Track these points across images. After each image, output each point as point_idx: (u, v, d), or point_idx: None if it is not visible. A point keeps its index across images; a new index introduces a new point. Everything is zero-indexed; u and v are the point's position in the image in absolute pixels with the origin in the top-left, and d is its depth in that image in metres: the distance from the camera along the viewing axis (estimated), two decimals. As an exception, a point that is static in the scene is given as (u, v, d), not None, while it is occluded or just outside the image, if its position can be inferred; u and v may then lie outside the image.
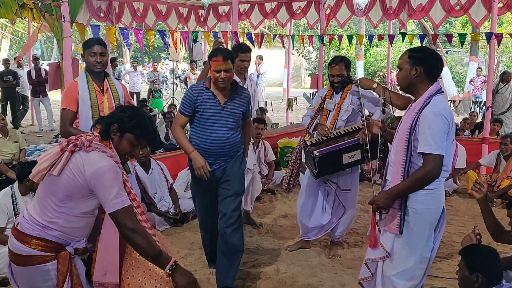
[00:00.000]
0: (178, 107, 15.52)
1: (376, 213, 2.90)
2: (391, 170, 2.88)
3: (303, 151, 4.31)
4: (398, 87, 3.05)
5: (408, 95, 3.03)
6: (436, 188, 2.78)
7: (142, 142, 2.51)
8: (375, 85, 3.88)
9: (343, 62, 4.27)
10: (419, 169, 2.72)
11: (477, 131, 9.21)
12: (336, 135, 4.10)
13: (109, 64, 11.23)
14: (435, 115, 2.66)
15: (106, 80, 3.87)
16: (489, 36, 7.86)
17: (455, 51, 26.10)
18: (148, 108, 10.59)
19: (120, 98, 3.89)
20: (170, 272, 2.33)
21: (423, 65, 2.77)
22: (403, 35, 9.43)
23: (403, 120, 2.86)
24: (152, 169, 5.40)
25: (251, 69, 16.08)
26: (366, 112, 4.25)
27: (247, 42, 9.83)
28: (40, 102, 11.78)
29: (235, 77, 4.95)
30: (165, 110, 11.90)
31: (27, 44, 13.38)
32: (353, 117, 4.29)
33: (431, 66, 2.79)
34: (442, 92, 2.82)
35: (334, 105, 4.31)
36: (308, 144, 4.12)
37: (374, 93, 4.09)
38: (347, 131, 4.10)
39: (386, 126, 3.43)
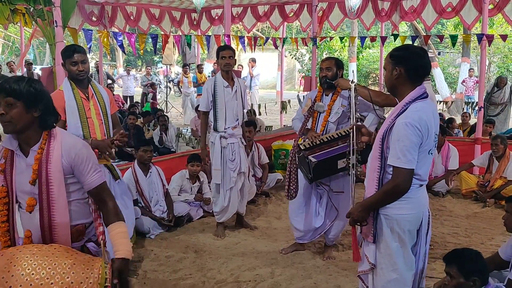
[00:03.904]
0: (171, 110, 15.36)
1: (357, 226, 2.76)
2: (367, 176, 2.74)
3: (296, 156, 4.26)
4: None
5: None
6: (409, 193, 2.58)
7: (18, 103, 2.25)
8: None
9: (334, 60, 4.37)
10: (389, 181, 2.55)
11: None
12: (328, 138, 4.07)
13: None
14: (406, 126, 2.45)
15: (90, 86, 3.82)
16: (480, 37, 7.92)
17: (447, 52, 26.26)
18: (140, 111, 10.57)
19: (106, 103, 3.85)
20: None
21: (404, 65, 2.54)
22: (395, 36, 9.48)
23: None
24: (151, 172, 5.40)
25: (245, 72, 16.08)
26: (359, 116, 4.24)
27: (240, 46, 9.86)
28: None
29: (222, 79, 4.96)
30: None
31: (23, 53, 13.43)
32: (344, 120, 4.28)
33: (413, 66, 2.55)
34: (426, 97, 2.57)
35: (324, 107, 4.30)
36: (302, 148, 4.09)
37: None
38: (339, 135, 4.07)
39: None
